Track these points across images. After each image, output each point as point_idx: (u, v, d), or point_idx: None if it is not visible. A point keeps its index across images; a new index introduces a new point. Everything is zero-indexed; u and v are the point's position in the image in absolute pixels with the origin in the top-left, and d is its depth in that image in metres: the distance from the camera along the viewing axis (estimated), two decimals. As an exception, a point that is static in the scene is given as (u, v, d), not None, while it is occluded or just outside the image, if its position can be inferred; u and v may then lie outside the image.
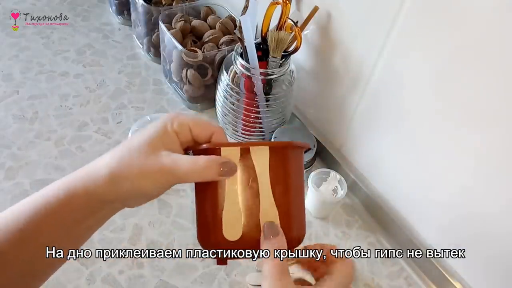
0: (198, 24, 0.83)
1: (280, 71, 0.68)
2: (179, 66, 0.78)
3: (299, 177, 0.36)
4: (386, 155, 0.64)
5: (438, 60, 0.50)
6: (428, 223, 0.61)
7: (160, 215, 0.66)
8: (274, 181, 0.33)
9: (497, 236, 0.52)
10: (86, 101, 0.83)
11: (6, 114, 0.79)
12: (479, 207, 0.53)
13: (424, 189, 0.60)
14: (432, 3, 0.48)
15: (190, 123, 0.36)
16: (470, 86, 0.48)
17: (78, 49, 0.95)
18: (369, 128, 0.65)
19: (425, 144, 0.57)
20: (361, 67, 0.62)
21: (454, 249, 0.57)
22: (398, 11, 0.52)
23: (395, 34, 0.54)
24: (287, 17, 0.66)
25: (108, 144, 0.76)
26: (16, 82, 0.85)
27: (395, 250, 0.65)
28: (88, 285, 0.57)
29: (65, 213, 0.33)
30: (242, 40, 0.66)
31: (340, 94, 0.68)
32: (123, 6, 1.00)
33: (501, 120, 0.46)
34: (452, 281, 0.58)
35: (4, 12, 1.02)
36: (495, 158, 0.48)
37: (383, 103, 0.61)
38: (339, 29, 0.63)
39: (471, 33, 0.45)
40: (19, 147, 0.73)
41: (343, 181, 0.66)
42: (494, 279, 0.55)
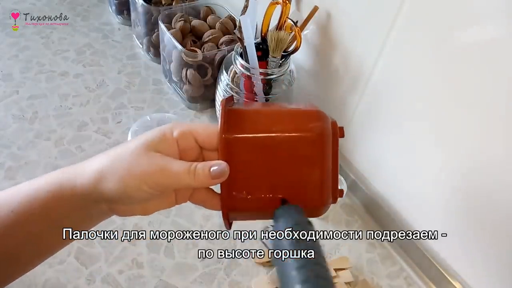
0: (198, 24, 0.83)
1: (280, 71, 0.68)
2: (179, 66, 0.78)
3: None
4: (386, 155, 0.64)
5: (438, 60, 0.50)
6: (428, 223, 0.61)
7: (160, 215, 0.66)
8: None
9: (498, 236, 0.52)
10: (86, 101, 0.83)
11: (6, 114, 0.79)
12: (480, 207, 0.53)
13: (424, 189, 0.60)
14: (432, 3, 0.48)
15: (193, 129, 0.35)
16: (470, 86, 0.48)
17: (78, 49, 0.95)
18: (369, 128, 0.65)
19: (425, 144, 0.57)
20: (361, 67, 0.62)
21: (454, 249, 0.57)
22: (398, 11, 0.52)
23: (395, 34, 0.54)
24: (287, 17, 0.66)
25: (108, 144, 0.76)
26: (16, 82, 0.85)
27: (395, 250, 0.65)
28: (88, 285, 0.57)
29: (53, 205, 0.33)
30: (242, 40, 0.66)
31: (340, 94, 0.68)
32: (122, 6, 1.00)
33: (502, 119, 0.46)
34: (451, 281, 0.58)
35: (4, 12, 1.02)
36: (496, 157, 0.48)
37: (383, 103, 0.61)
38: (339, 29, 0.63)
39: (471, 33, 0.45)
40: (19, 147, 0.73)
41: (343, 181, 0.66)
42: (494, 279, 0.55)
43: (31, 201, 0.33)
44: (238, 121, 0.35)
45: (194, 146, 0.35)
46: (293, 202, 0.34)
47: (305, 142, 0.35)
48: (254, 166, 0.35)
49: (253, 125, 0.36)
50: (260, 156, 0.34)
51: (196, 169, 0.32)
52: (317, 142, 0.35)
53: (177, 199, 0.38)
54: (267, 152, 0.34)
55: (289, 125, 0.36)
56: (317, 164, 0.35)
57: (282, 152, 0.34)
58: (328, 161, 0.35)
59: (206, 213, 0.67)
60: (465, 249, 0.57)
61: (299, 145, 0.35)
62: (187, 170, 0.32)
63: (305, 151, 0.35)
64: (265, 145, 0.35)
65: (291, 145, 0.35)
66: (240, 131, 0.35)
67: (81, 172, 0.33)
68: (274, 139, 0.35)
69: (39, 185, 0.33)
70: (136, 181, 0.32)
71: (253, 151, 0.35)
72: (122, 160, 0.32)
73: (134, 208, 0.35)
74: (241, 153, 0.34)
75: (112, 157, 0.33)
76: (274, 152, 0.34)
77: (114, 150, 0.34)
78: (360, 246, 0.66)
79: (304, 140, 0.35)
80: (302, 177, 0.35)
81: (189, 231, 0.64)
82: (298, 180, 0.35)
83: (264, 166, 0.35)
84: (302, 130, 0.35)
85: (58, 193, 0.33)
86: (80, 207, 0.34)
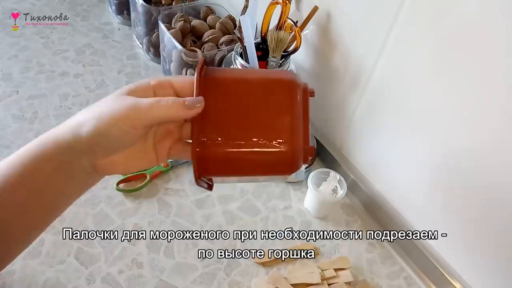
0: (197, 24, 0.83)
1: (280, 71, 0.68)
2: (179, 66, 0.78)
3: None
4: (386, 155, 0.64)
5: (438, 59, 0.50)
6: (428, 223, 0.61)
7: (160, 215, 0.66)
8: None
9: (498, 236, 0.52)
10: (86, 101, 0.83)
11: (6, 114, 0.79)
12: (480, 207, 0.53)
13: (425, 190, 0.60)
14: (432, 3, 0.48)
15: (171, 78, 0.36)
16: (470, 86, 0.48)
17: (78, 49, 0.95)
18: (369, 128, 0.65)
19: (425, 144, 0.57)
20: (361, 67, 0.62)
21: (454, 249, 0.57)
22: (398, 11, 0.52)
23: (394, 34, 0.54)
24: (287, 17, 0.66)
25: (108, 144, 0.76)
26: (16, 82, 0.85)
27: (395, 250, 0.65)
28: (88, 285, 0.57)
29: (35, 167, 0.33)
30: (242, 40, 0.66)
31: (340, 94, 0.68)
32: (122, 6, 1.00)
33: (503, 120, 0.46)
34: (451, 281, 0.58)
35: (4, 12, 1.02)
36: (497, 158, 0.48)
37: (383, 103, 0.61)
38: (339, 29, 0.63)
39: (472, 32, 0.45)
40: (19, 147, 0.73)
41: (342, 181, 0.66)
42: (494, 278, 0.55)
43: (14, 168, 0.33)
44: (215, 70, 0.37)
45: (172, 94, 0.36)
46: (264, 148, 0.34)
47: (276, 87, 0.37)
48: (226, 110, 0.35)
49: (228, 73, 0.39)
50: (232, 100, 0.35)
51: (169, 100, 0.33)
52: (288, 90, 0.36)
53: (157, 155, 0.38)
54: (239, 96, 0.36)
55: (262, 75, 0.39)
56: (287, 111, 0.36)
57: (253, 98, 0.36)
58: (298, 110, 0.36)
59: (206, 213, 0.67)
60: (465, 249, 0.57)
61: (270, 90, 0.36)
62: (158, 101, 0.33)
63: (276, 97, 0.36)
64: (238, 89, 0.36)
65: (263, 91, 0.36)
66: (216, 74, 0.37)
67: (62, 127, 0.34)
68: (248, 82, 0.37)
69: (21, 150, 0.34)
70: (109, 120, 0.32)
71: (226, 93, 0.36)
72: (98, 106, 0.34)
73: (115, 162, 0.35)
74: (215, 95, 0.35)
75: (89, 108, 0.34)
76: (246, 97, 0.36)
77: (94, 104, 0.35)
78: (360, 246, 0.66)
79: (275, 85, 0.37)
80: (273, 122, 0.35)
81: (189, 231, 0.64)
82: (269, 124, 0.35)
83: (236, 110, 0.35)
84: (275, 79, 0.38)
85: (40, 153, 0.33)
86: (62, 164, 0.33)
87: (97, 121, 0.32)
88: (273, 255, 0.62)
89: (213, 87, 0.35)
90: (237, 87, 0.36)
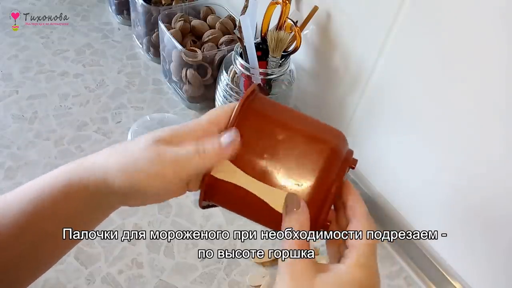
0: (197, 24, 0.83)
1: (280, 71, 0.68)
2: (179, 66, 0.78)
3: None
4: (386, 155, 0.64)
5: (438, 59, 0.50)
6: (428, 223, 0.61)
7: (160, 215, 0.66)
8: None
9: (498, 236, 0.52)
10: (86, 101, 0.83)
11: (6, 114, 0.79)
12: (482, 206, 0.53)
13: (424, 189, 0.60)
14: (432, 3, 0.48)
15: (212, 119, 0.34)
16: (470, 86, 0.48)
17: (78, 49, 0.95)
18: (369, 128, 0.65)
19: (425, 144, 0.57)
20: (361, 67, 0.62)
21: (454, 249, 0.57)
22: (398, 11, 0.52)
23: (395, 33, 0.54)
24: (287, 17, 0.66)
25: (108, 144, 0.76)
26: (16, 82, 0.85)
27: (395, 250, 0.65)
28: (88, 285, 0.57)
29: (62, 202, 0.32)
30: (242, 40, 0.66)
31: (340, 94, 0.68)
32: (122, 5, 1.00)
33: (502, 119, 0.46)
34: (451, 281, 0.58)
35: (4, 12, 1.02)
36: (495, 157, 0.48)
37: (383, 103, 0.61)
38: (339, 29, 0.63)
39: (472, 32, 0.45)
40: (19, 147, 0.73)
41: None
42: (495, 279, 0.55)
43: (41, 200, 0.32)
44: (257, 101, 0.34)
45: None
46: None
47: (315, 147, 0.33)
48: (253, 149, 0.33)
49: (273, 109, 0.35)
50: (263, 142, 0.33)
51: (206, 149, 0.31)
52: (326, 157, 0.33)
53: (189, 186, 0.36)
54: (272, 143, 0.33)
55: (307, 126, 0.35)
56: (315, 179, 0.32)
57: (285, 149, 0.33)
58: (327, 178, 0.33)
59: (206, 213, 0.67)
60: (465, 249, 0.57)
61: (307, 150, 0.33)
62: (196, 151, 0.31)
63: (310, 157, 0.33)
64: (274, 131, 0.33)
65: (299, 147, 0.33)
66: (257, 107, 0.34)
67: (90, 167, 0.32)
68: (289, 129, 0.33)
69: (46, 183, 0.33)
70: (146, 178, 0.31)
71: (260, 131, 0.33)
72: (130, 155, 0.32)
73: (146, 200, 0.34)
74: (249, 129, 0.33)
75: (118, 151, 0.33)
76: (279, 145, 0.33)
77: (125, 145, 0.33)
78: (360, 246, 0.66)
79: (316, 143, 0.33)
80: (294, 186, 0.32)
81: (189, 231, 0.64)
82: (289, 186, 0.32)
83: (262, 154, 0.33)
84: (318, 136, 0.34)
85: (67, 189, 0.32)
86: (91, 202, 0.33)
87: (132, 179, 0.31)
88: (273, 255, 0.62)
89: (251, 119, 0.33)
90: (273, 129, 0.33)
